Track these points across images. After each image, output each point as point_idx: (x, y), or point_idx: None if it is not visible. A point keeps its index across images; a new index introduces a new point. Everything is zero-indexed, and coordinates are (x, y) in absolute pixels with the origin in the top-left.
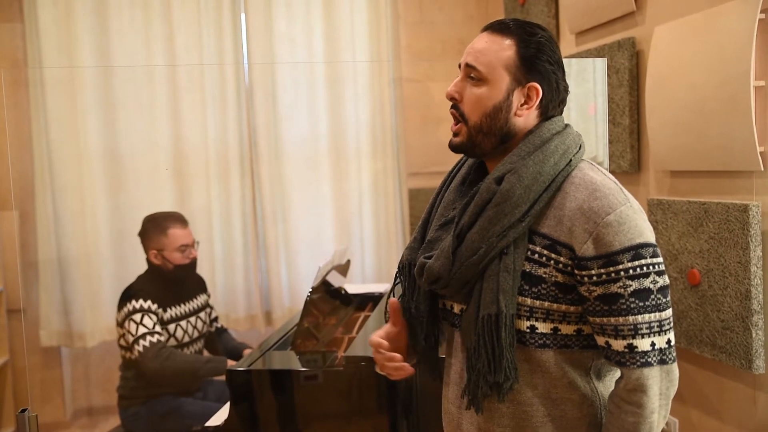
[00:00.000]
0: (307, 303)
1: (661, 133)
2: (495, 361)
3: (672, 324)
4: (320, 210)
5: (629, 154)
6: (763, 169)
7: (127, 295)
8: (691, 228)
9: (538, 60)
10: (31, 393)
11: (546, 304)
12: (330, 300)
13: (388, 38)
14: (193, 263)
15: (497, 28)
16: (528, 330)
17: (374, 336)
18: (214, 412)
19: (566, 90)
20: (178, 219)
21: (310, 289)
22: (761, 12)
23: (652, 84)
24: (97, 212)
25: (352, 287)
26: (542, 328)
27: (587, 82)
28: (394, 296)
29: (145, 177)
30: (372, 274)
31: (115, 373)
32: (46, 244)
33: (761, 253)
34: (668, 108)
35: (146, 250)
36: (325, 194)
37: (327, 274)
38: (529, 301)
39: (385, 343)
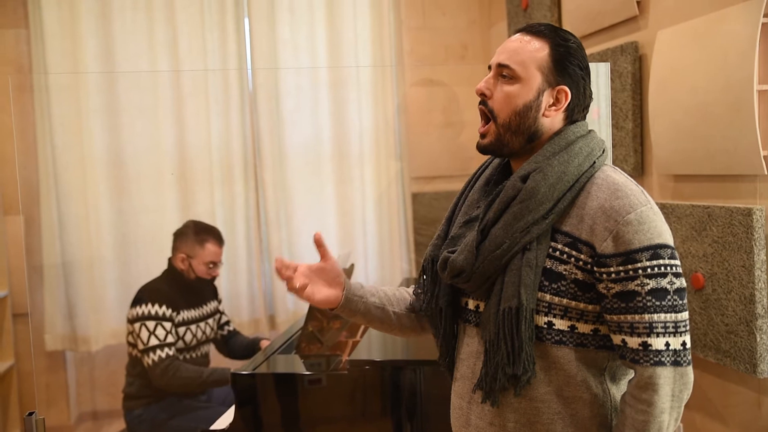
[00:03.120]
0: (311, 307)
1: (665, 137)
2: (514, 353)
3: (688, 327)
4: (324, 214)
5: (633, 158)
6: (766, 172)
7: (143, 295)
8: (695, 232)
9: (569, 64)
10: (36, 397)
11: (564, 301)
12: None
13: (391, 43)
14: (213, 279)
15: (531, 30)
16: (545, 326)
17: (282, 260)
18: (219, 416)
19: (591, 97)
20: (218, 236)
21: None
22: (764, 16)
23: (655, 88)
24: (102, 217)
25: None
26: (560, 324)
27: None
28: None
29: (149, 182)
30: (376, 278)
31: (120, 376)
32: (51, 248)
33: (765, 257)
34: (671, 112)
35: (175, 250)
36: (329, 199)
37: None
38: (548, 297)
39: (282, 264)
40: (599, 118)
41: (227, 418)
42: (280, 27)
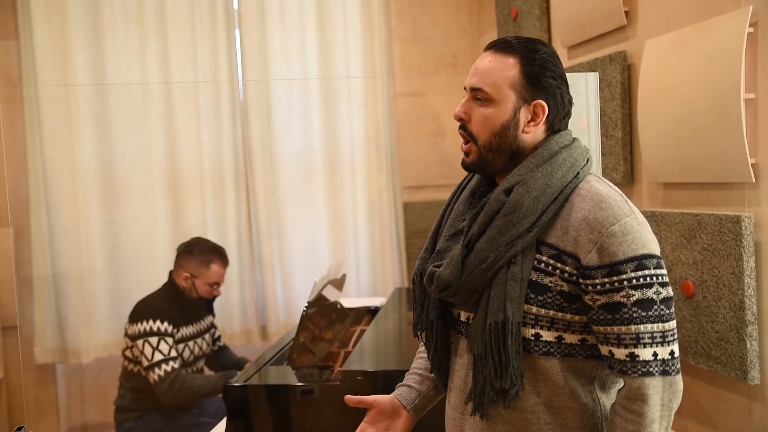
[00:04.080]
0: (302, 318)
1: (654, 145)
2: (501, 367)
3: (676, 336)
4: (315, 224)
5: (622, 167)
6: (754, 180)
7: (145, 312)
8: (685, 239)
9: (542, 77)
10: (25, 411)
11: (551, 312)
12: (326, 314)
13: (382, 53)
14: (213, 299)
15: (500, 47)
16: (533, 338)
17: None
18: (211, 428)
19: (570, 102)
20: (223, 257)
21: (306, 304)
22: (750, 26)
23: (644, 97)
24: (92, 228)
25: (348, 301)
26: (547, 336)
27: (579, 96)
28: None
29: (140, 193)
30: (367, 288)
31: (110, 389)
32: (41, 260)
33: (754, 264)
34: (660, 120)
35: (179, 267)
36: (320, 209)
37: (323, 288)
38: (534, 309)
39: None
40: (588, 127)
41: (219, 430)
42: (270, 38)
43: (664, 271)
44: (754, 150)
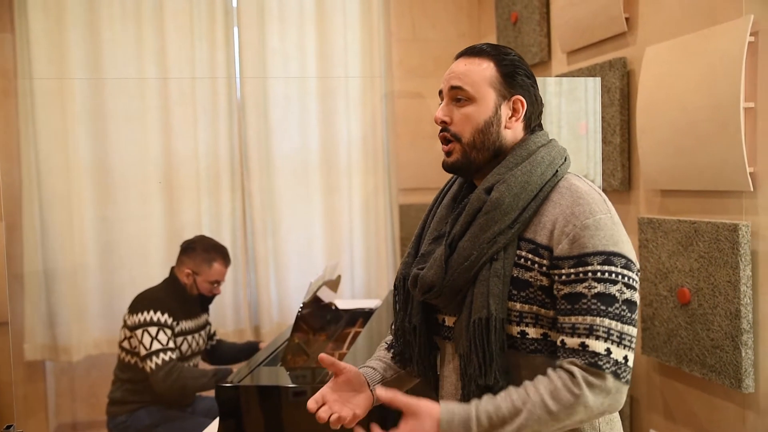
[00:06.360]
0: (297, 318)
1: (652, 152)
2: (486, 364)
3: (634, 345)
4: (311, 225)
5: (620, 173)
6: (752, 189)
7: (145, 303)
8: (681, 247)
9: (517, 75)
10: (15, 408)
11: (534, 308)
12: (320, 315)
13: (381, 54)
14: (212, 298)
15: (474, 52)
16: (519, 335)
17: (309, 401)
18: (203, 427)
19: (542, 103)
20: (226, 256)
21: (301, 305)
22: (750, 35)
23: (643, 104)
24: (85, 224)
25: (343, 303)
26: (532, 333)
27: (579, 101)
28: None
29: (135, 190)
30: (362, 290)
31: (100, 387)
32: (33, 255)
33: (751, 273)
34: (659, 127)
35: (181, 263)
36: (316, 209)
37: (318, 289)
38: (518, 305)
39: (314, 407)
40: (587, 132)
41: (211, 430)
42: (269, 36)
43: (632, 275)
44: (753, 159)
